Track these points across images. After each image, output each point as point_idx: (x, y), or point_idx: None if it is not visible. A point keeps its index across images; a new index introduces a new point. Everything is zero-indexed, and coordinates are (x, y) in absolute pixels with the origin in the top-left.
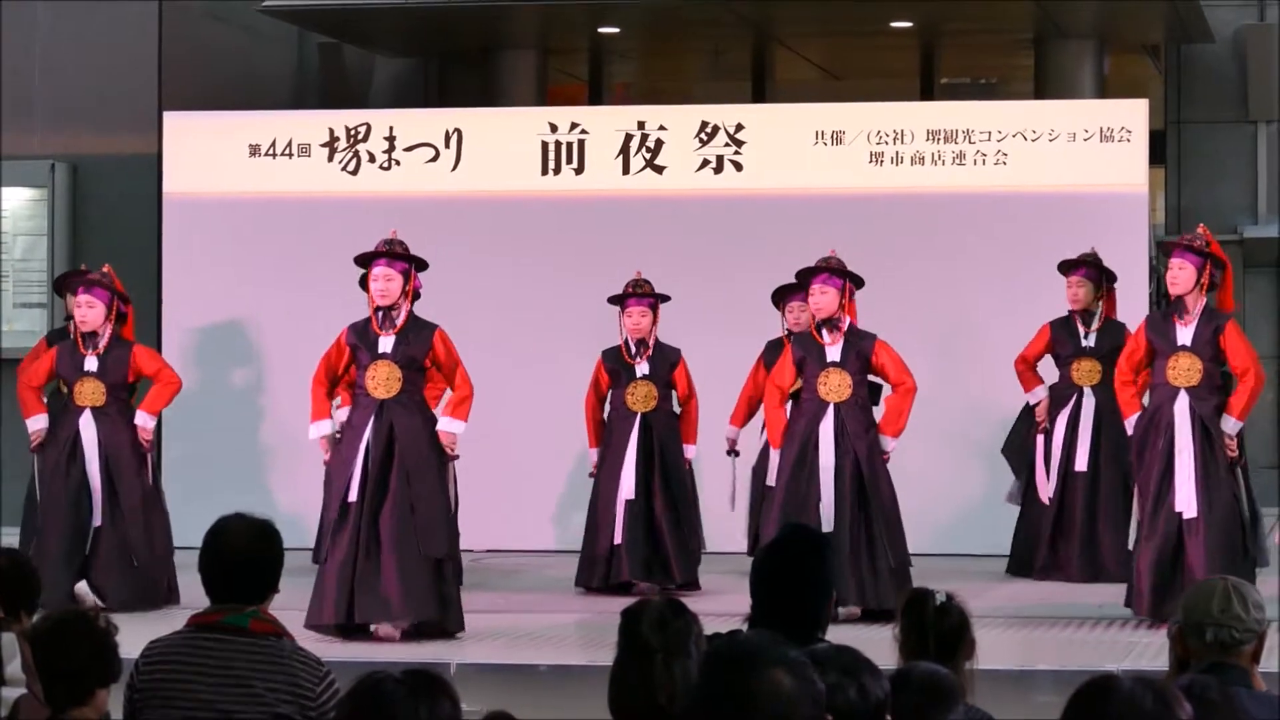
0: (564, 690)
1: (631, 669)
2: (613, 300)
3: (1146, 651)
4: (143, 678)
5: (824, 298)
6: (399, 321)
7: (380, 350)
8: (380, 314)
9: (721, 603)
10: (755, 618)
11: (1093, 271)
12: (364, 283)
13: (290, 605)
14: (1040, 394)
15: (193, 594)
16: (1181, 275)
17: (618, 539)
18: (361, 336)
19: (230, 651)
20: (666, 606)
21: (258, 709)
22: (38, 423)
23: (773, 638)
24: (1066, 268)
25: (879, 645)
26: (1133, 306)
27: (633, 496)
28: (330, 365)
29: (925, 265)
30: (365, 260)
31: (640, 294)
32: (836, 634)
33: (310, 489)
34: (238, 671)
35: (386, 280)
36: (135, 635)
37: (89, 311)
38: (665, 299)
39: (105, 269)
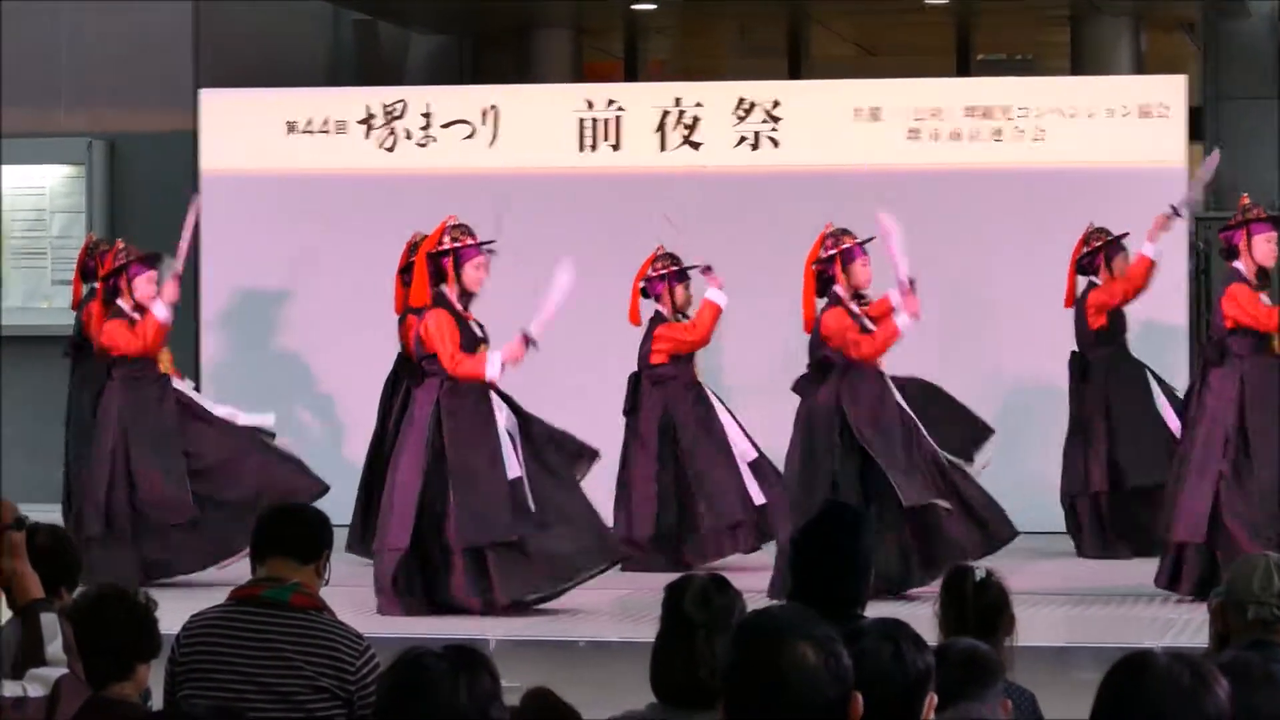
0: (603, 665)
1: (674, 644)
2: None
3: (1187, 628)
4: (183, 652)
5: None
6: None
7: (481, 335)
8: (466, 300)
9: (767, 580)
10: (794, 594)
11: None
12: (439, 265)
13: (334, 583)
14: None
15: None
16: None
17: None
18: (459, 320)
19: (270, 625)
20: (710, 583)
21: (298, 682)
22: None
23: (803, 612)
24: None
25: (919, 622)
26: (1171, 282)
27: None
28: (460, 341)
29: (962, 241)
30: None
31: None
32: (878, 608)
33: (344, 469)
34: (277, 645)
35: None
36: (176, 610)
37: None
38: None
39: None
